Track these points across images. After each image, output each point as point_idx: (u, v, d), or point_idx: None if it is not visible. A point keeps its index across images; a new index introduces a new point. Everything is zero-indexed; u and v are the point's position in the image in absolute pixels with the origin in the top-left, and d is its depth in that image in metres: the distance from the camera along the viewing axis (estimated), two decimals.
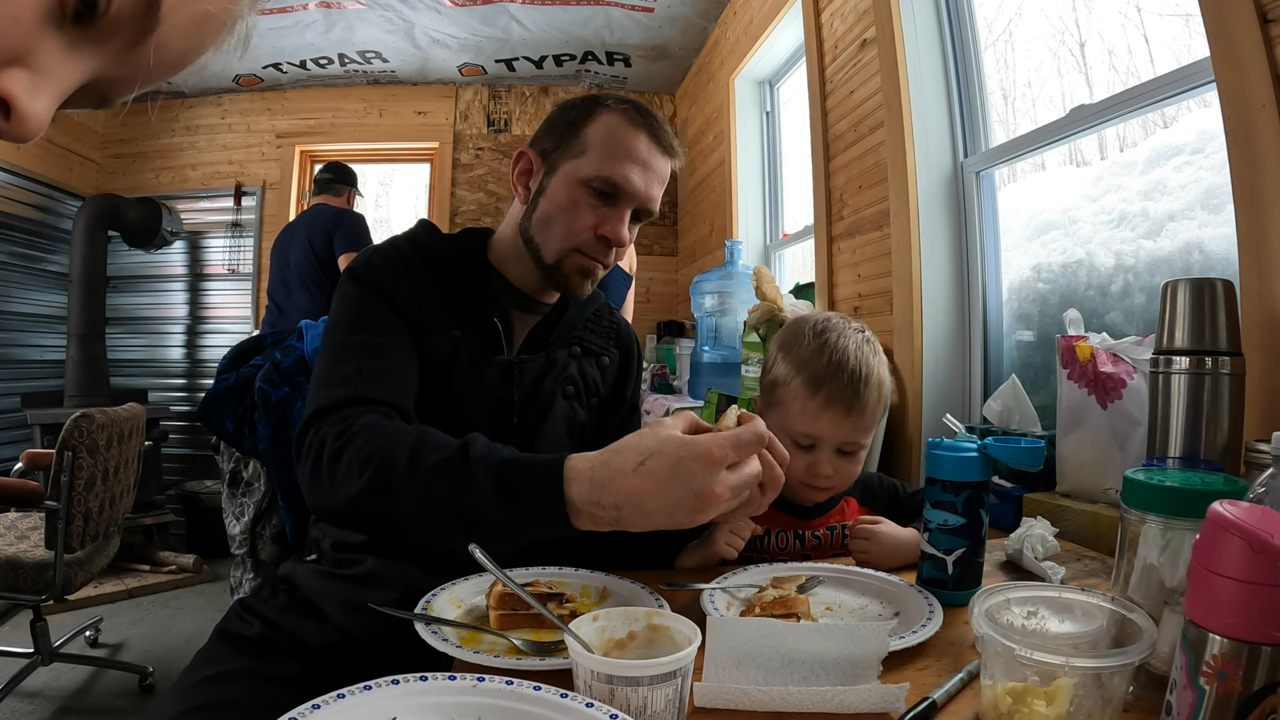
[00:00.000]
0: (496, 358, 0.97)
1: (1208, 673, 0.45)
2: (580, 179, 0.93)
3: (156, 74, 0.33)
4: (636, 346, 1.15)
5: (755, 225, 3.23)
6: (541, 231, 0.96)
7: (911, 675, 0.65)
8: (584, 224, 0.93)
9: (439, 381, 0.94)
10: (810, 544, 1.04)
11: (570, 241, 0.94)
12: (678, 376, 3.14)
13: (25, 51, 0.28)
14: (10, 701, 2.07)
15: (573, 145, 0.94)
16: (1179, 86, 1.19)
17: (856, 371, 0.96)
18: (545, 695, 0.52)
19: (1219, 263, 1.16)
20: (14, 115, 0.29)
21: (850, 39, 2.04)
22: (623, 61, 4.05)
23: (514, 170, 1.00)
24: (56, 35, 0.29)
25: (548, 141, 0.97)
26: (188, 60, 0.34)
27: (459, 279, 0.97)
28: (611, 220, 0.94)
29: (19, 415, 3.43)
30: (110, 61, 0.31)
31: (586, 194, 0.93)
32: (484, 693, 0.53)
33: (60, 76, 0.30)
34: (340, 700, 0.49)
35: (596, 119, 0.94)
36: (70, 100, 0.32)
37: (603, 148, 0.93)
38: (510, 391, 0.98)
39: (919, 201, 1.75)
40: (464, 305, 0.97)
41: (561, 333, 1.03)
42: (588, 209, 0.93)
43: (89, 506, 1.91)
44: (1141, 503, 0.63)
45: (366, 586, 0.90)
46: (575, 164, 0.94)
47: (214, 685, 0.84)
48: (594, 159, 0.93)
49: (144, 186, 4.12)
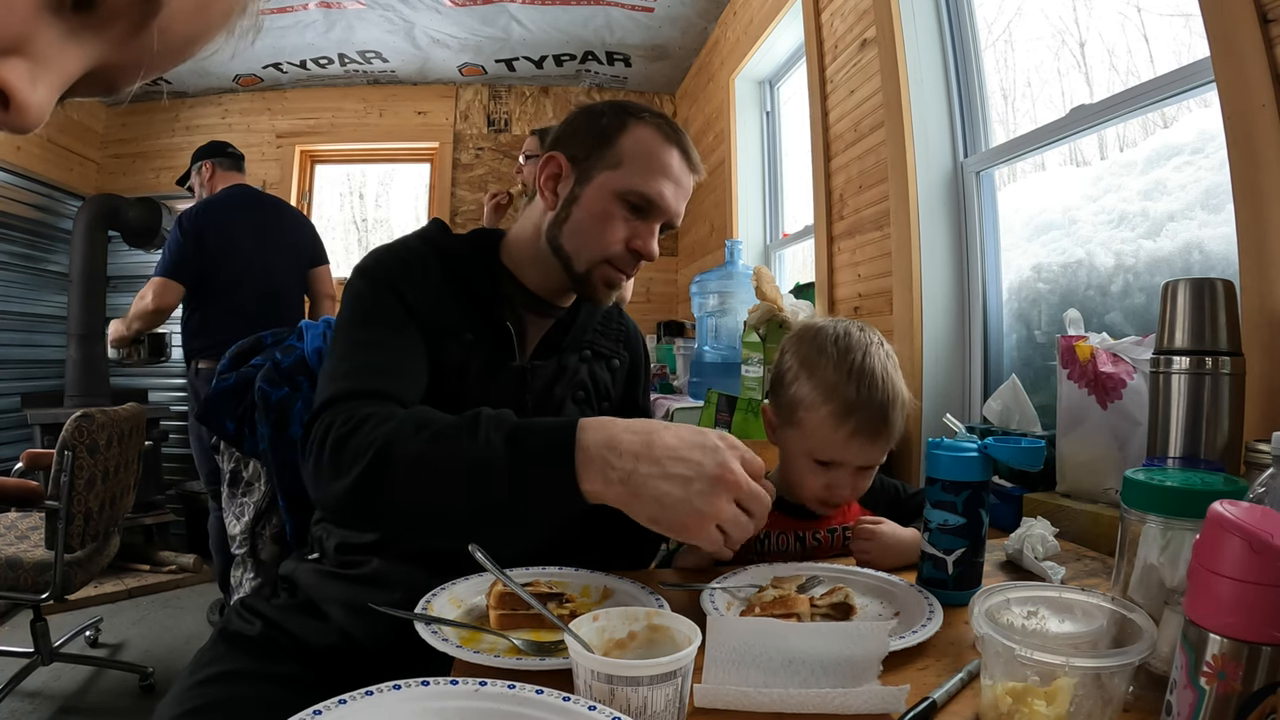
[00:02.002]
0: (509, 363, 0.97)
1: (1208, 673, 0.45)
2: (615, 191, 0.93)
3: (162, 60, 0.32)
4: (644, 348, 1.15)
5: (755, 225, 3.23)
6: (573, 240, 0.95)
7: (912, 675, 0.65)
8: (617, 236, 0.94)
9: (450, 387, 0.93)
10: (811, 545, 1.04)
11: (603, 253, 0.95)
12: (678, 376, 3.14)
13: (23, 40, 0.27)
14: (10, 701, 2.07)
15: (607, 155, 0.94)
16: (1179, 86, 1.19)
17: (886, 397, 0.93)
18: (548, 699, 0.52)
19: (1219, 263, 1.16)
20: (13, 105, 0.28)
21: (850, 39, 2.04)
22: (623, 61, 4.05)
23: (540, 174, 0.98)
24: (55, 22, 0.28)
25: (577, 148, 0.96)
26: (194, 46, 0.33)
27: (472, 278, 0.97)
28: (643, 234, 0.95)
29: (19, 415, 3.43)
30: (112, 48, 0.30)
31: (621, 206, 0.94)
32: (486, 697, 0.52)
33: (60, 65, 0.29)
34: (342, 706, 0.49)
35: (630, 130, 0.94)
36: (75, 89, 0.31)
37: (638, 161, 0.93)
38: (523, 398, 0.97)
39: (919, 201, 1.75)
40: (477, 307, 0.97)
41: (574, 338, 1.03)
42: (621, 221, 0.94)
43: (89, 506, 1.91)
44: (1141, 503, 0.63)
45: (369, 587, 0.89)
46: (610, 175, 0.94)
47: (215, 685, 0.84)
48: (629, 172, 0.93)
49: (144, 186, 4.12)
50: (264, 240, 2.61)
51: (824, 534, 1.05)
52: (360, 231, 4.65)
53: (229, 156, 2.77)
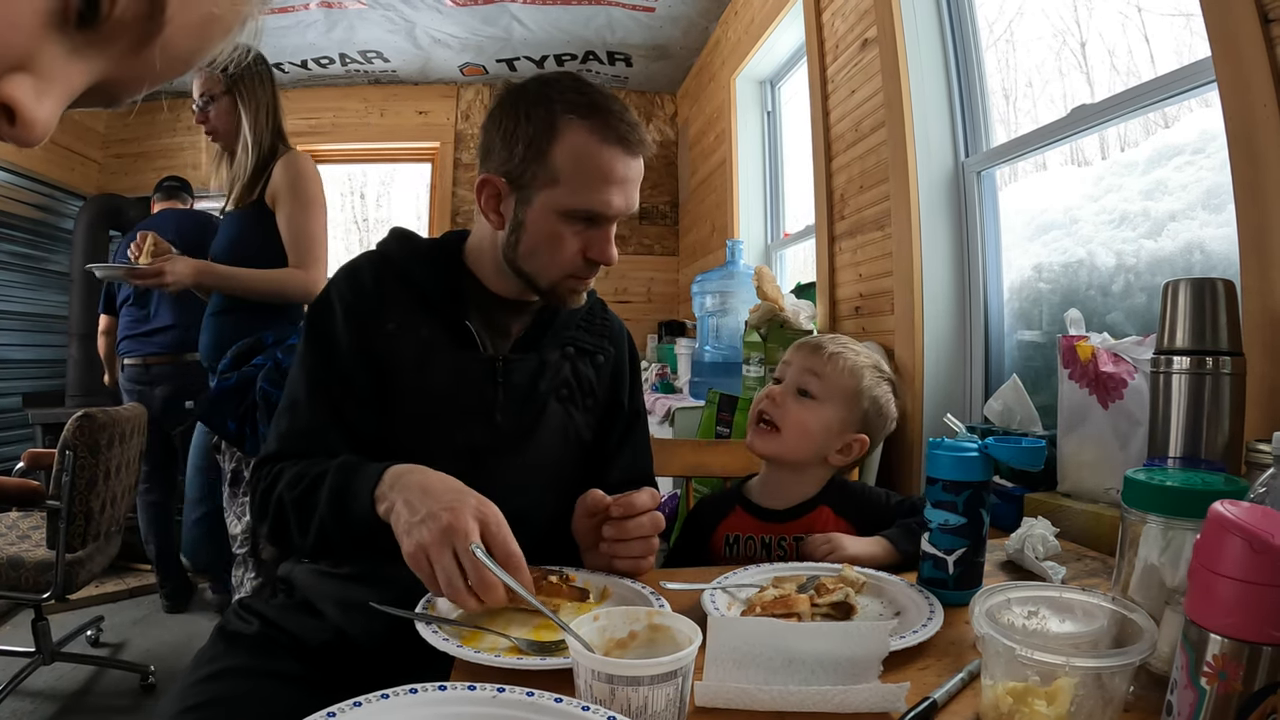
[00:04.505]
0: (473, 355, 0.96)
1: (1208, 673, 0.45)
2: (559, 211, 0.90)
3: (164, 75, 0.33)
4: (631, 346, 1.12)
5: (756, 225, 3.23)
6: (530, 263, 0.94)
7: (912, 675, 0.65)
8: (571, 251, 0.92)
9: (412, 382, 0.93)
10: (777, 554, 1.04)
11: (561, 270, 0.94)
12: (678, 376, 3.14)
13: (28, 56, 0.28)
14: (11, 701, 2.07)
15: (541, 173, 0.89)
16: (1180, 86, 1.18)
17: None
18: (566, 707, 0.51)
19: (1220, 262, 1.16)
20: (18, 121, 0.29)
21: (851, 39, 2.04)
22: (624, 61, 4.05)
23: (479, 199, 0.95)
24: (60, 39, 0.29)
25: (510, 164, 0.91)
26: (195, 60, 0.34)
27: (424, 285, 0.97)
28: (598, 242, 0.93)
29: (20, 415, 3.43)
30: (115, 64, 0.31)
31: (569, 223, 0.91)
32: (504, 704, 0.52)
33: (64, 81, 0.30)
34: (357, 709, 0.49)
35: (561, 138, 0.88)
36: (78, 101, 0.32)
37: (578, 175, 0.89)
38: (493, 390, 0.96)
39: (920, 201, 1.75)
40: (433, 307, 0.96)
41: (554, 333, 1.01)
42: (572, 236, 0.92)
43: (90, 506, 1.92)
44: (1142, 503, 0.63)
45: (362, 586, 0.89)
46: (551, 194, 0.90)
47: (215, 682, 0.84)
48: (571, 189, 0.89)
49: (145, 186, 4.09)
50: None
51: (790, 542, 1.04)
52: (361, 231, 4.66)
53: (161, 189, 3.17)
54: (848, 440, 1.05)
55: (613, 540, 0.86)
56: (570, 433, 1.02)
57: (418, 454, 0.84)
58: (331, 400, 0.93)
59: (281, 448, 0.93)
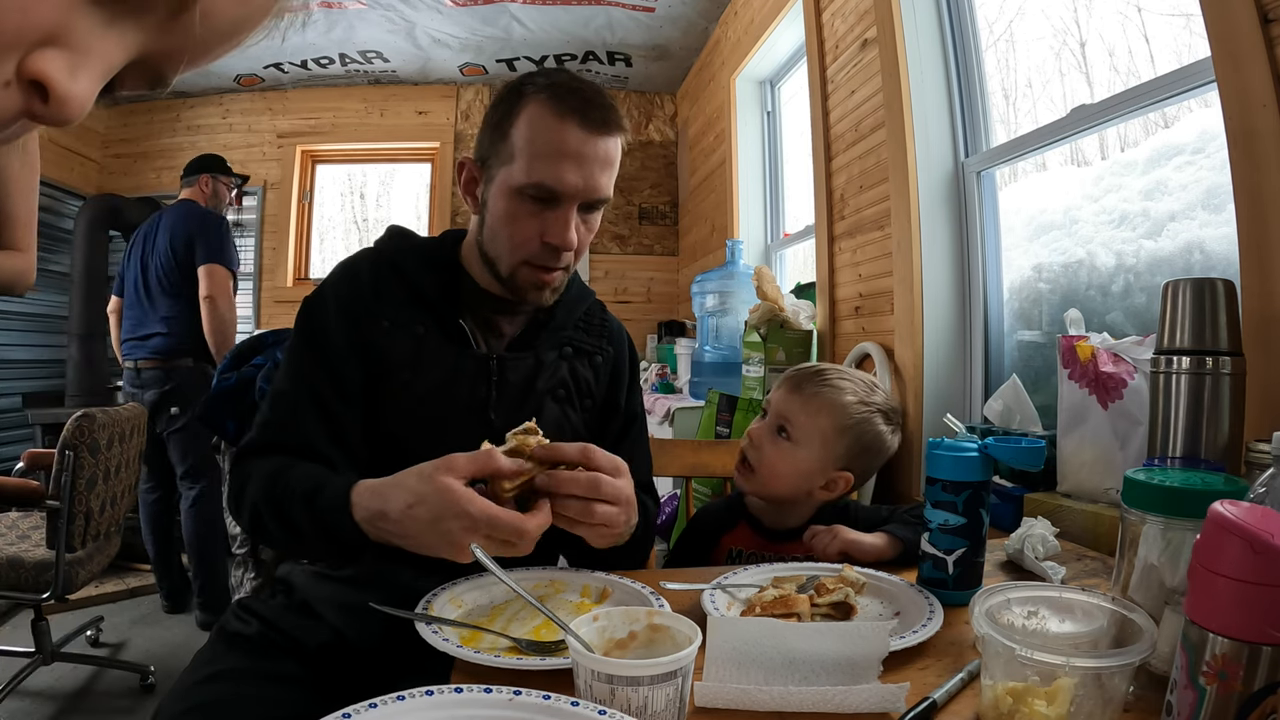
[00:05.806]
0: (467, 352, 0.95)
1: (1208, 673, 0.45)
2: (513, 188, 0.88)
3: (207, 47, 0.31)
4: (631, 348, 1.11)
5: (756, 225, 3.23)
6: (492, 246, 0.93)
7: (912, 675, 0.65)
8: (526, 233, 0.90)
9: (405, 380, 0.93)
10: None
11: (517, 254, 0.91)
12: (678, 376, 3.14)
13: (58, 29, 0.26)
14: (11, 701, 2.07)
15: (502, 150, 0.89)
16: (1180, 86, 1.18)
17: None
18: (583, 711, 0.51)
19: (1220, 262, 1.16)
20: (53, 98, 0.27)
21: (851, 39, 2.04)
22: (624, 61, 4.05)
23: (460, 182, 0.96)
24: (91, 10, 0.27)
25: (483, 147, 0.93)
26: (243, 30, 0.32)
27: (419, 283, 0.97)
28: (554, 225, 0.89)
29: (20, 415, 3.43)
30: (153, 35, 0.29)
31: (524, 202, 0.88)
32: (521, 707, 0.52)
33: (100, 54, 0.28)
34: (372, 710, 0.48)
35: (520, 115, 0.88)
36: (123, 83, 0.30)
37: (529, 149, 0.87)
38: (488, 388, 0.95)
39: (920, 201, 1.75)
40: (427, 304, 0.96)
41: (551, 334, 1.01)
42: (527, 217, 0.89)
43: (90, 506, 1.92)
44: (1142, 503, 0.63)
45: (360, 588, 0.89)
46: (507, 171, 0.89)
47: (214, 684, 0.84)
48: (523, 164, 0.87)
49: (145, 186, 4.12)
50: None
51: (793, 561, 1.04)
52: (361, 231, 4.65)
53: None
54: (831, 477, 1.05)
55: (552, 494, 0.76)
56: (567, 433, 1.01)
57: (412, 451, 0.84)
58: (316, 393, 0.92)
59: (260, 436, 0.92)
